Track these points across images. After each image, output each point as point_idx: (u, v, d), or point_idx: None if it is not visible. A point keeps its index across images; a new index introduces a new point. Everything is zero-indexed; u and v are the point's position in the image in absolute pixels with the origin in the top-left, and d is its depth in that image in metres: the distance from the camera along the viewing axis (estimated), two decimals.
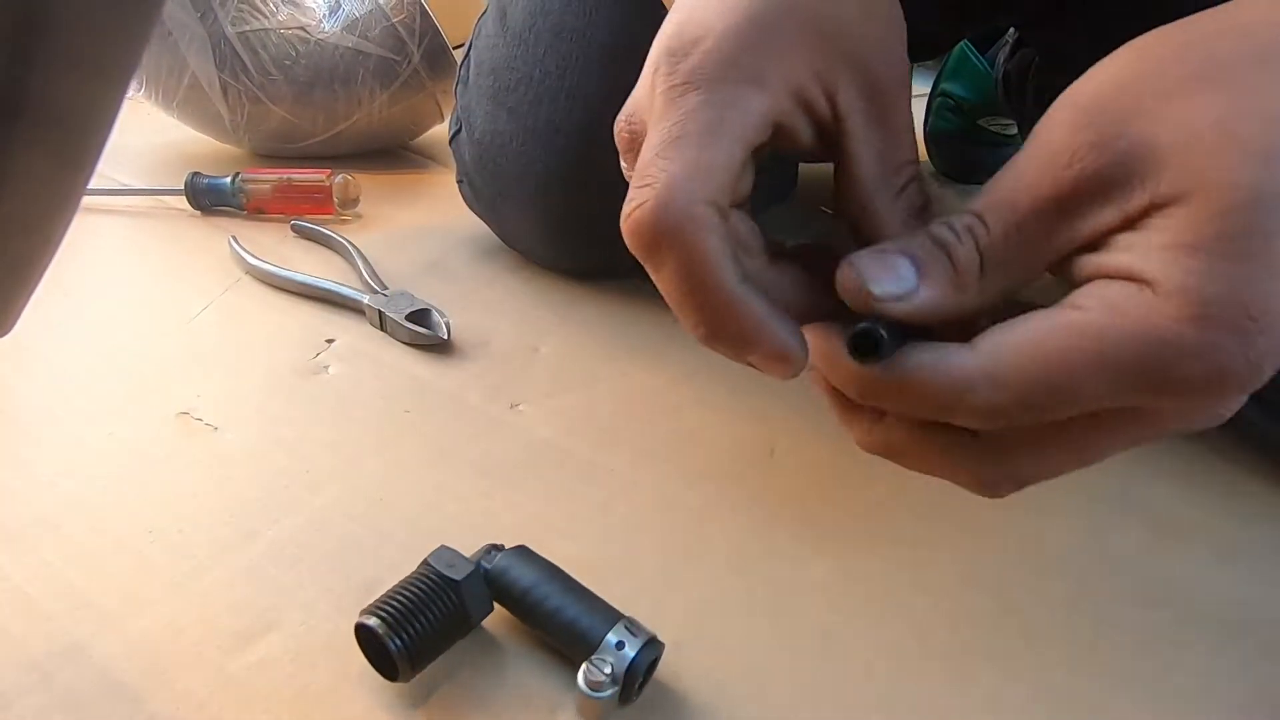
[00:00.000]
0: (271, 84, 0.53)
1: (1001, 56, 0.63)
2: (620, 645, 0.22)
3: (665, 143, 0.20)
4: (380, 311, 0.40)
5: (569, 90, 0.37)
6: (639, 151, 0.22)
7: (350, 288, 0.42)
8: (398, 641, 0.22)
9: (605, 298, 0.44)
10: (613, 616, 0.23)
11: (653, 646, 0.23)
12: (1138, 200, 0.16)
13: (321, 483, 0.31)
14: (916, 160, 0.23)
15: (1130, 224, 0.17)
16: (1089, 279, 0.17)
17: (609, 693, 0.22)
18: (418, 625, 0.23)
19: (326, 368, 0.38)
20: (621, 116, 0.23)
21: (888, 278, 0.18)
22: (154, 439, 0.33)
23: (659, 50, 0.22)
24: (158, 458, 0.32)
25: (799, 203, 0.63)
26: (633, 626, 0.23)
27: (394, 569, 0.27)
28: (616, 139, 0.23)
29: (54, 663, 0.24)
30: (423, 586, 0.23)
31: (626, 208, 0.20)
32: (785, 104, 0.21)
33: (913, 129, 0.23)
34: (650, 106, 0.21)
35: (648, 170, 0.20)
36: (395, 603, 0.23)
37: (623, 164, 0.24)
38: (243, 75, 0.53)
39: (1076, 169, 0.17)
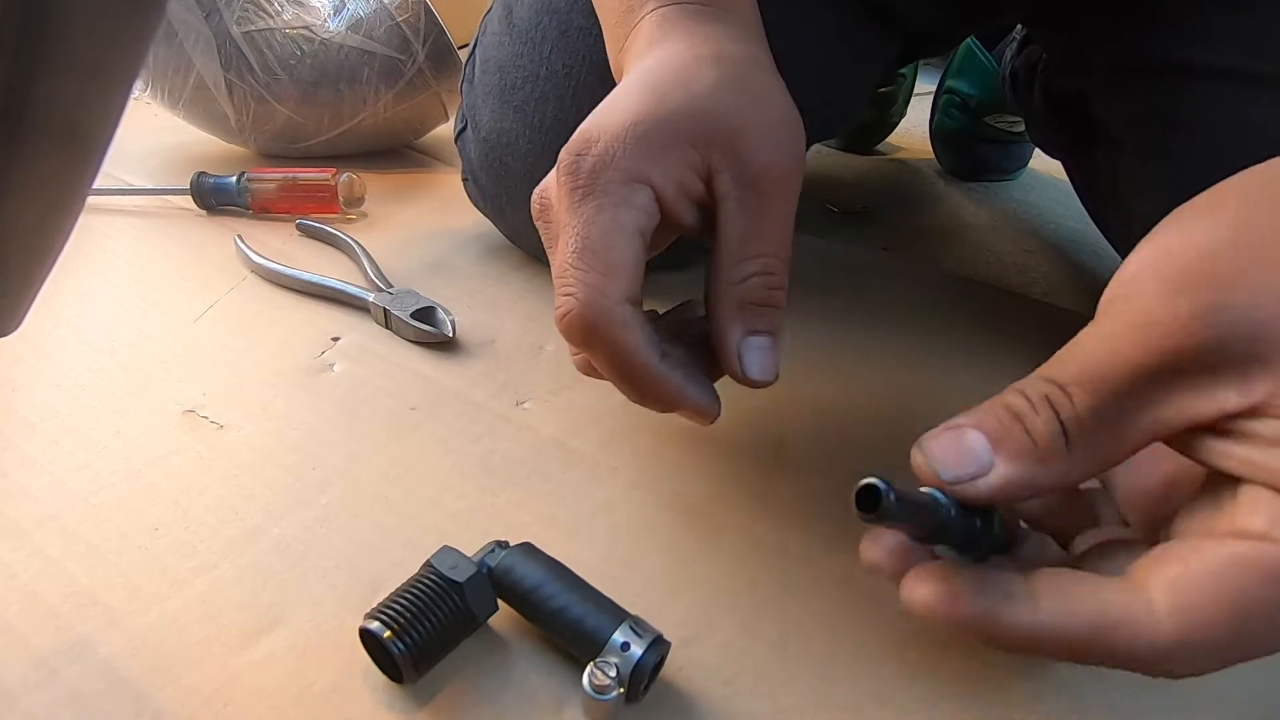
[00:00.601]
0: (277, 83, 0.54)
1: (1009, 53, 0.63)
2: (625, 646, 0.22)
3: (577, 251, 0.23)
4: (386, 310, 0.40)
5: (575, 89, 0.37)
6: (548, 219, 0.26)
7: (356, 286, 0.42)
8: (401, 646, 0.22)
9: None
10: (618, 615, 0.23)
11: (658, 646, 0.23)
12: (1262, 385, 0.15)
13: (327, 480, 0.31)
14: (778, 255, 0.24)
15: (1259, 411, 0.15)
16: (1234, 474, 0.16)
17: (614, 695, 0.22)
18: (421, 629, 0.23)
19: (332, 366, 0.38)
20: (536, 191, 0.27)
21: (957, 460, 0.17)
22: (160, 437, 0.33)
23: (564, 149, 0.25)
24: (163, 455, 0.32)
25: (801, 198, 0.63)
26: (638, 626, 0.23)
27: (399, 566, 0.27)
28: (532, 207, 0.27)
29: (60, 659, 0.24)
30: (426, 589, 0.23)
31: (557, 310, 0.24)
32: (669, 193, 0.24)
33: (789, 223, 0.25)
34: (557, 195, 0.25)
35: (566, 277, 0.23)
36: (398, 606, 0.23)
37: (537, 223, 0.27)
38: (248, 75, 0.53)
39: (1176, 340, 0.16)
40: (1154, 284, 0.16)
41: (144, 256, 0.47)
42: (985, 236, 0.61)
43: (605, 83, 0.38)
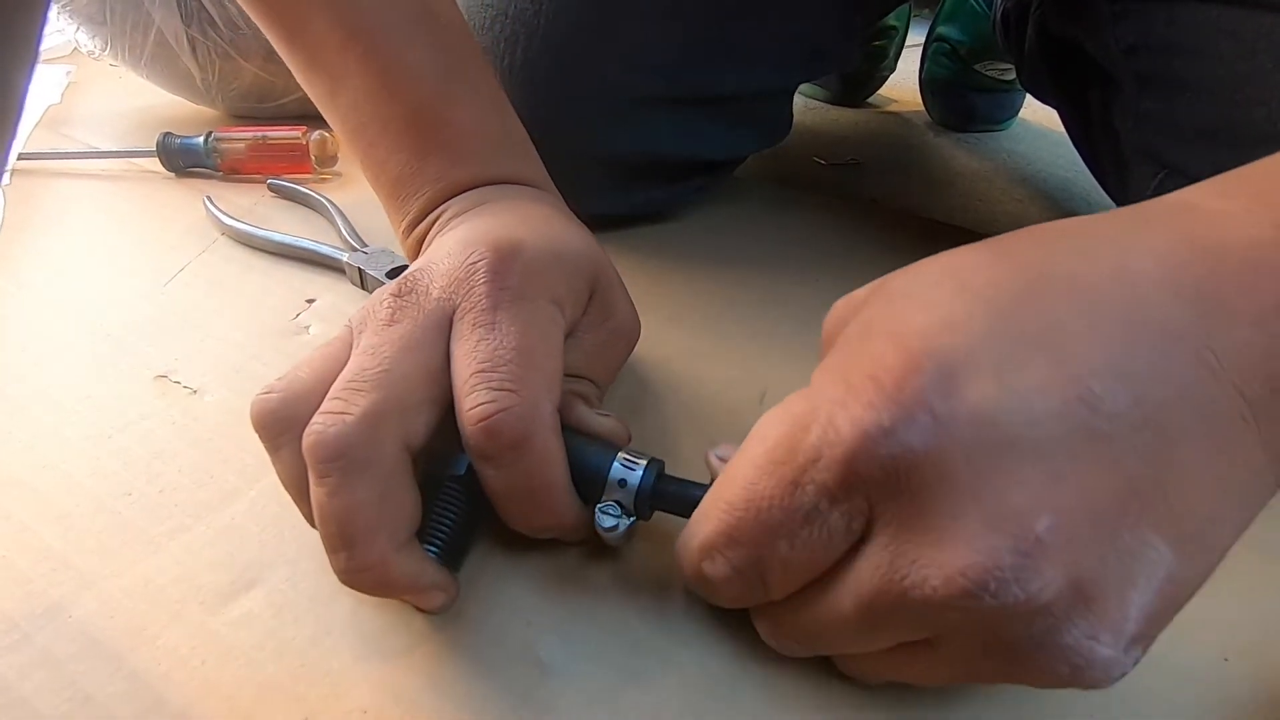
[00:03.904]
0: (241, 39, 0.51)
1: None
2: (623, 482, 0.23)
3: (518, 349, 0.22)
4: (360, 269, 0.39)
5: (545, 26, 0.36)
6: (417, 306, 0.23)
7: (330, 246, 0.41)
8: (433, 549, 0.23)
9: None
10: (611, 451, 0.24)
11: (651, 468, 0.24)
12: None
13: None
14: (604, 386, 0.28)
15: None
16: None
17: (625, 527, 0.23)
18: (443, 530, 0.23)
19: (307, 328, 0.37)
20: (400, 279, 0.24)
21: None
22: (132, 402, 0.32)
23: (486, 246, 0.24)
24: (135, 420, 0.31)
25: (790, 151, 0.62)
26: (629, 459, 0.24)
27: None
28: (389, 286, 0.24)
29: (33, 623, 0.23)
30: (434, 493, 0.24)
31: (486, 407, 0.21)
32: (568, 324, 0.25)
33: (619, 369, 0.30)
34: (469, 288, 0.23)
35: (506, 373, 0.22)
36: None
37: (393, 301, 0.24)
38: (211, 30, 0.51)
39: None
40: None
41: (111, 220, 0.46)
42: (975, 186, 0.60)
43: (574, 24, 0.36)
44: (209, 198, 0.45)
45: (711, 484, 0.21)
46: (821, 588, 0.18)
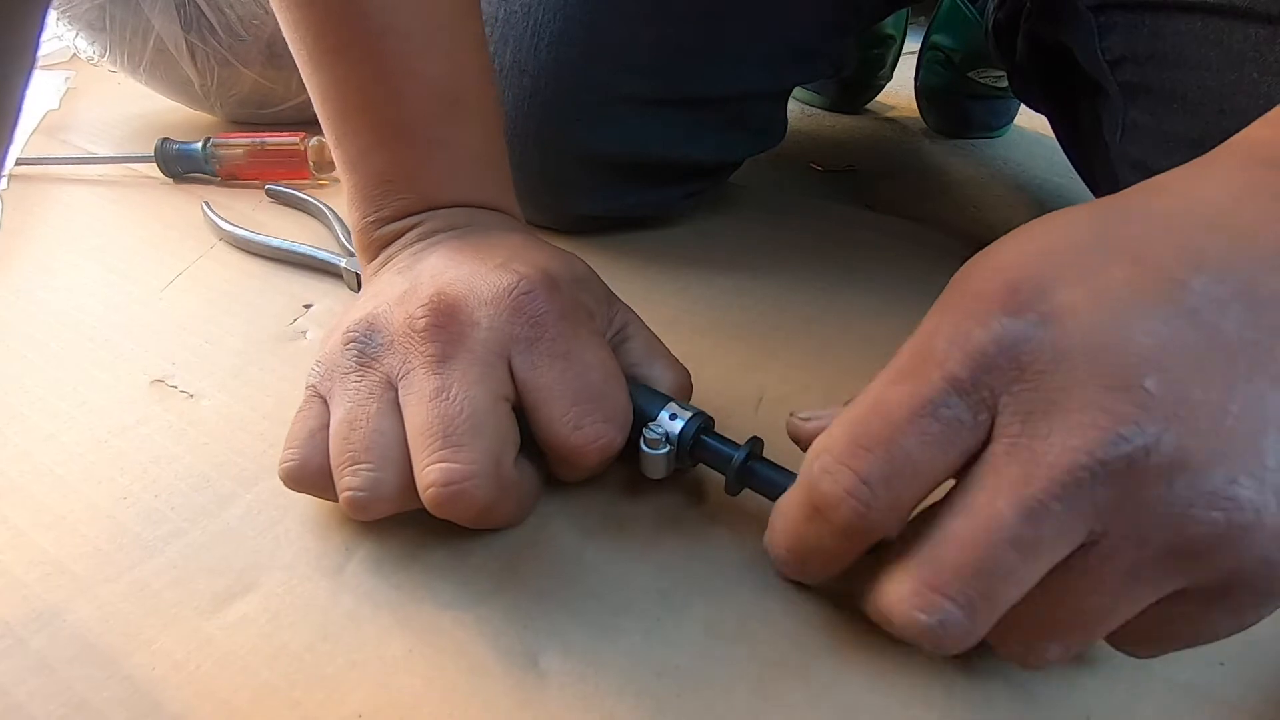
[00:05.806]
0: (240, 45, 0.52)
1: (992, 4, 0.62)
2: (674, 416, 0.27)
3: (610, 376, 0.25)
4: (358, 275, 0.40)
5: (534, 27, 0.36)
6: (454, 323, 0.25)
7: (327, 252, 0.41)
8: None
9: (585, 252, 0.43)
10: (664, 399, 0.27)
11: (699, 418, 0.27)
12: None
13: None
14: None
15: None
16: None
17: (665, 450, 0.26)
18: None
19: (305, 333, 0.37)
20: (439, 296, 0.25)
21: None
22: (128, 407, 0.32)
23: (522, 273, 0.25)
24: (132, 425, 0.31)
25: (785, 158, 0.62)
26: (681, 406, 0.27)
27: (372, 529, 0.27)
28: (429, 309, 0.25)
29: (27, 628, 0.23)
30: None
31: (602, 437, 0.25)
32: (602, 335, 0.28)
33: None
34: (520, 314, 0.25)
35: (609, 400, 0.25)
36: None
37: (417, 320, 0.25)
38: (210, 37, 0.51)
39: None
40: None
41: (109, 226, 0.46)
42: (970, 193, 0.61)
43: (565, 23, 0.37)
44: (207, 203, 0.45)
45: (752, 442, 0.25)
46: (963, 500, 0.18)
